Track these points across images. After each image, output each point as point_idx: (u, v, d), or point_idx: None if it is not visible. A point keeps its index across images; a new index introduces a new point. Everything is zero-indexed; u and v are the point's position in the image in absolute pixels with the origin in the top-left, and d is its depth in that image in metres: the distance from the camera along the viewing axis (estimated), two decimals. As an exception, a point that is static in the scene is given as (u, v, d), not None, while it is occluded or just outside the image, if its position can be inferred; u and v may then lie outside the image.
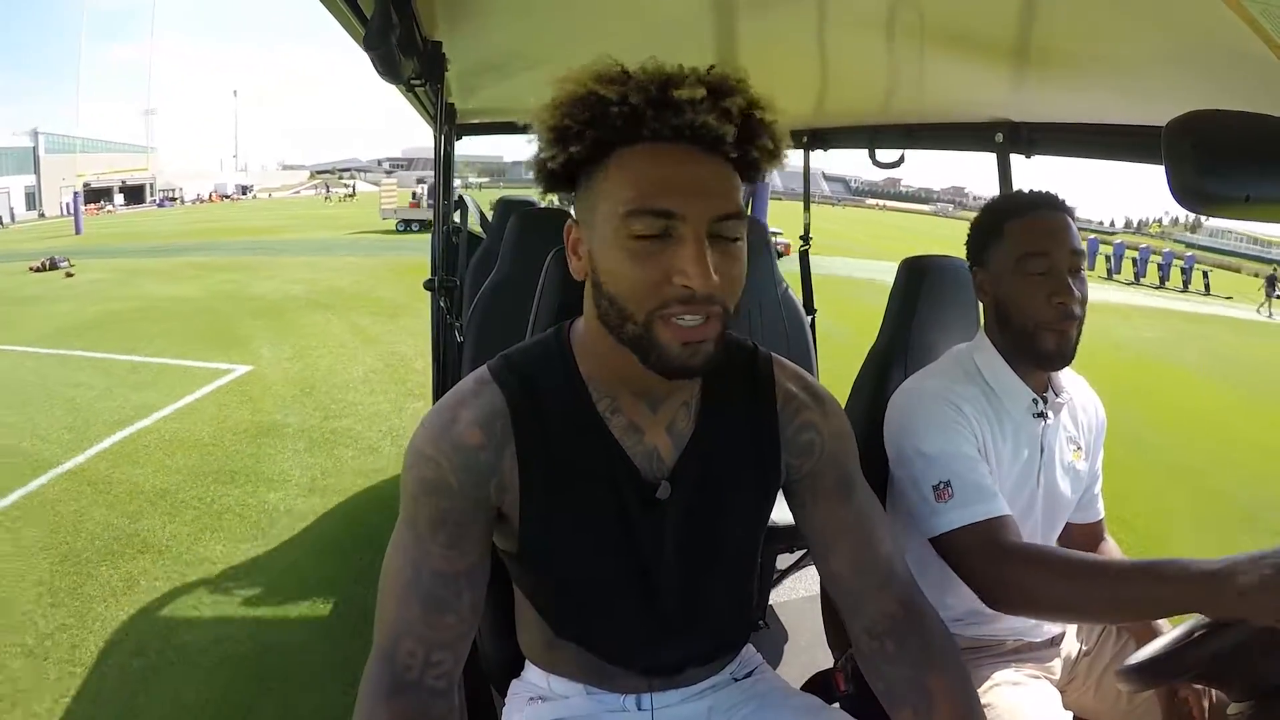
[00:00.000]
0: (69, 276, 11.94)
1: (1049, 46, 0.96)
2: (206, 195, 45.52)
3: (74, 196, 20.74)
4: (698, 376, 0.66)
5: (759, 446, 0.78)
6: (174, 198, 42.33)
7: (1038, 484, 1.04)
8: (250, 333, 7.23)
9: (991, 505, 0.91)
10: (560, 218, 2.06)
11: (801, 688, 0.96)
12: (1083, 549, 1.12)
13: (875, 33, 1.08)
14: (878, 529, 0.80)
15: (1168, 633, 0.81)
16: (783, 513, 0.84)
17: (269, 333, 7.25)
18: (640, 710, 0.83)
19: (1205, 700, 0.96)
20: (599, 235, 0.66)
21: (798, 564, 2.19)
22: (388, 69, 0.98)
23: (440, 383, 1.59)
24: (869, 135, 2.06)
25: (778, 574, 2.19)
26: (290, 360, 6.13)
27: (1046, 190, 1.02)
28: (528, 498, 0.71)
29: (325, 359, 6.20)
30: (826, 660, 1.13)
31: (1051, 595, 0.82)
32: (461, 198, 2.63)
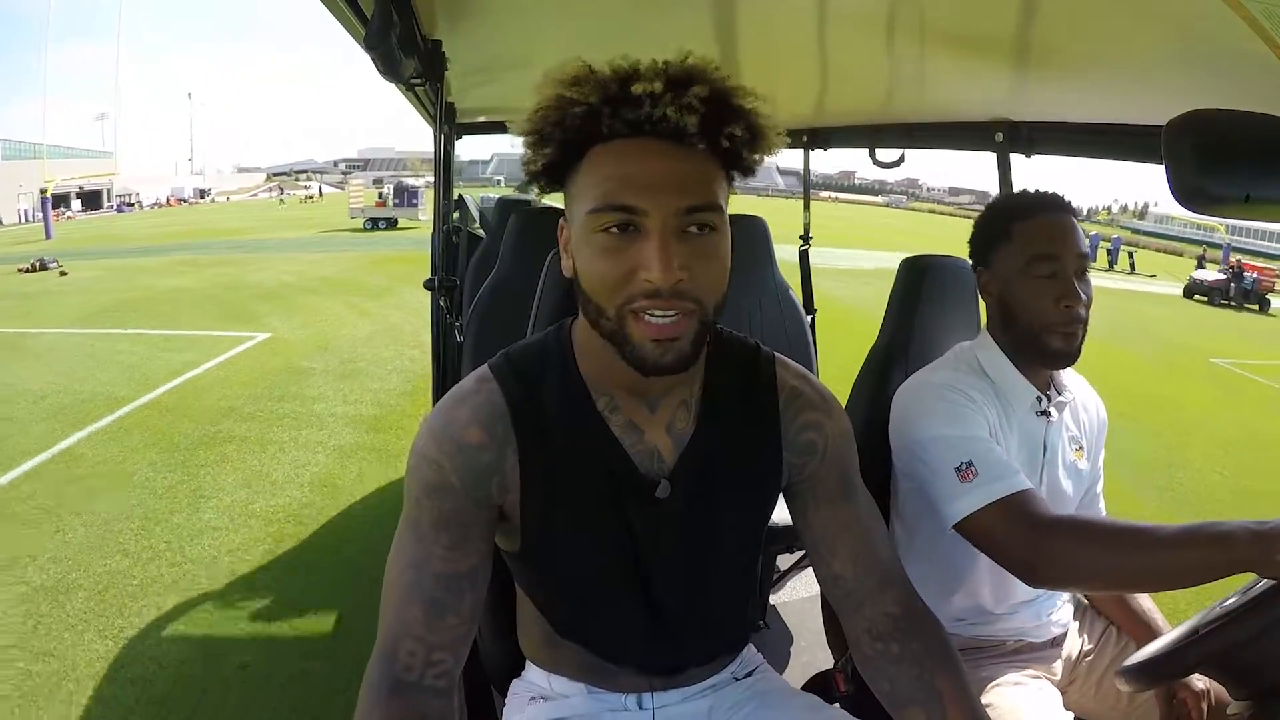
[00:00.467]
0: (63, 275, 12.01)
1: (1049, 46, 0.96)
2: (164, 199, 44.28)
3: (43, 202, 20.66)
4: (675, 374, 0.65)
5: (760, 446, 0.78)
6: (131, 203, 40.68)
7: (1040, 482, 1.04)
8: (260, 311, 8.30)
9: (1016, 479, 0.89)
10: (560, 217, 2.08)
11: (802, 688, 0.96)
12: None
13: (875, 32, 1.08)
14: (877, 531, 0.80)
15: (1168, 633, 0.81)
16: (783, 513, 0.83)
17: (276, 310, 8.34)
18: (641, 709, 0.83)
19: (1204, 702, 0.96)
20: (575, 233, 0.67)
21: (798, 564, 2.19)
22: (388, 68, 0.98)
23: (440, 382, 1.59)
24: (869, 134, 2.06)
25: (778, 574, 2.19)
26: (302, 328, 7.40)
27: (1051, 191, 1.02)
28: (529, 497, 0.71)
29: (331, 327, 7.50)
30: (827, 660, 1.13)
31: (1095, 565, 0.80)
32: (461, 197, 2.63)
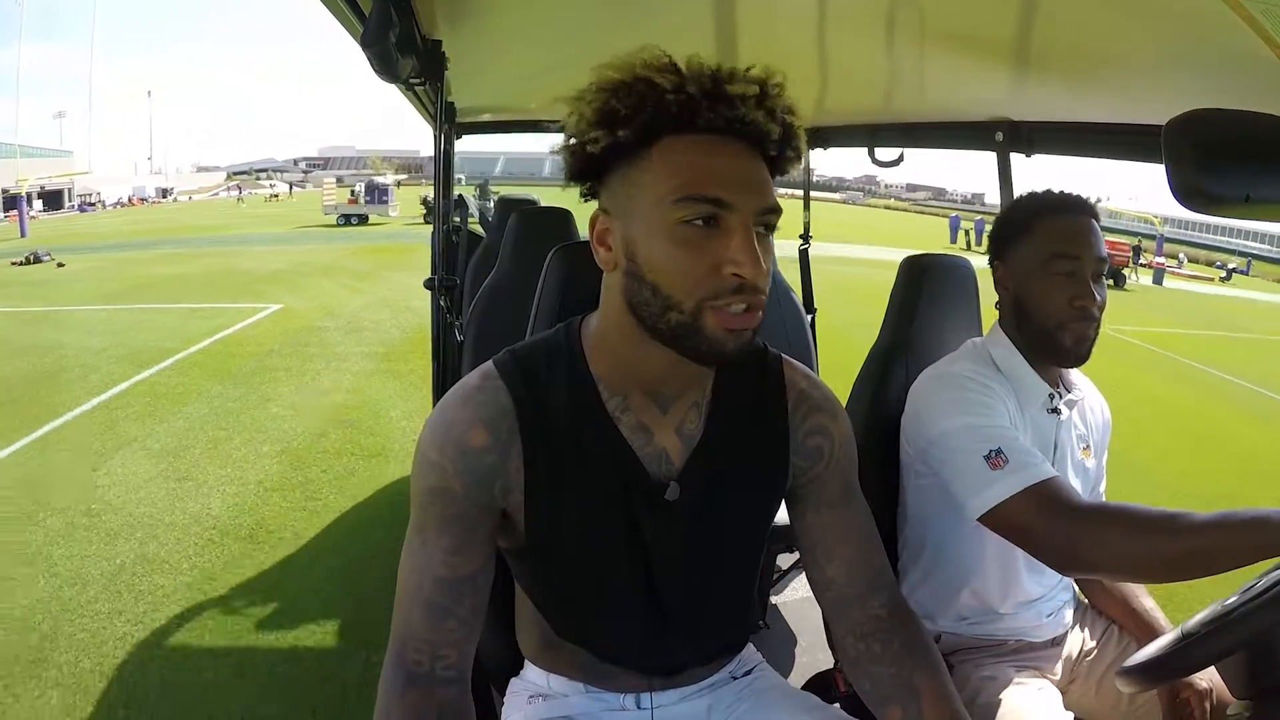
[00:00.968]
0: (60, 267, 12.27)
1: (1049, 46, 0.96)
2: (126, 199, 43.39)
3: (19, 200, 20.69)
4: (735, 363, 0.66)
5: (768, 448, 0.78)
6: (93, 203, 39.65)
7: None
8: (265, 290, 9.57)
9: (1046, 466, 0.89)
10: (560, 217, 2.08)
11: (802, 687, 0.97)
12: None
13: (876, 31, 1.08)
14: (872, 538, 0.81)
15: (1168, 633, 0.81)
16: (784, 513, 0.83)
17: (280, 289, 9.64)
18: (640, 709, 0.83)
19: (1206, 702, 0.96)
20: (640, 224, 0.65)
21: (799, 564, 2.19)
22: (384, 67, 0.98)
23: (440, 382, 1.59)
24: (868, 134, 2.06)
25: (779, 574, 2.19)
26: (307, 301, 8.82)
27: (1076, 193, 1.02)
28: (532, 498, 0.71)
29: (332, 299, 8.95)
30: (827, 660, 1.13)
31: (1131, 551, 0.79)
32: (461, 197, 2.63)
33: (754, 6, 1.07)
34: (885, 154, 2.03)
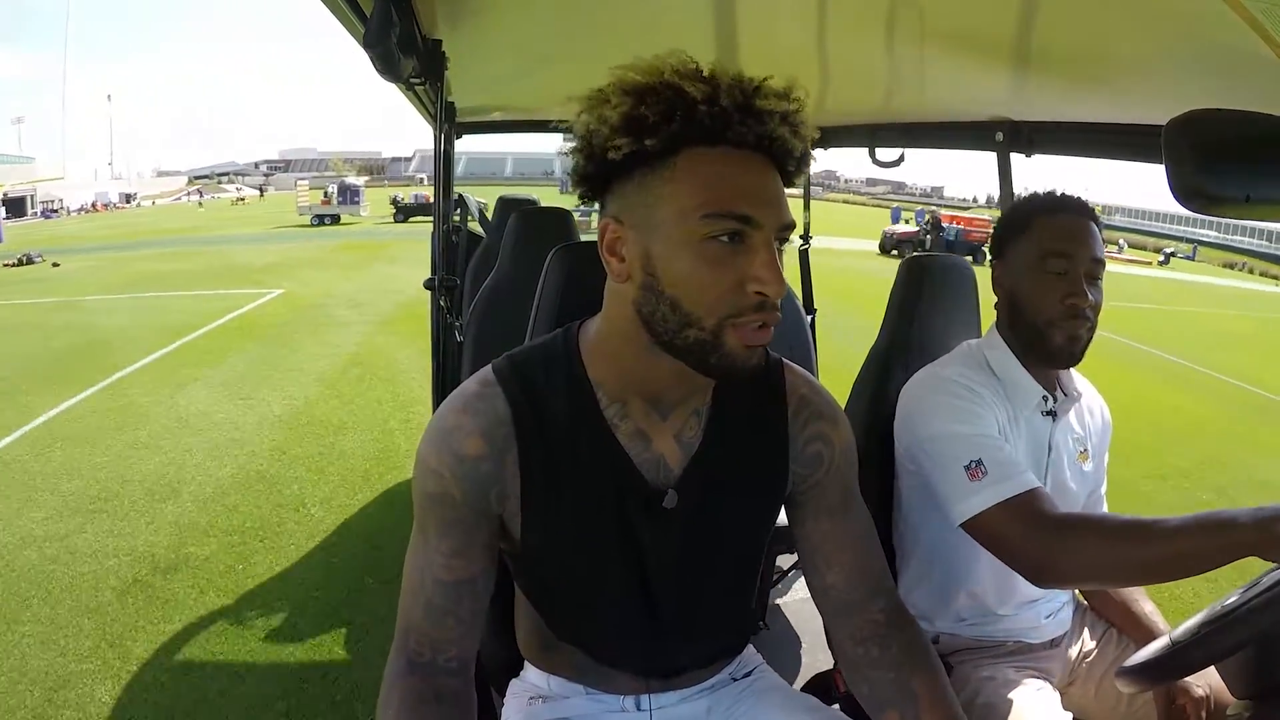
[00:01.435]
0: (56, 267, 12.51)
1: (1049, 46, 0.96)
2: (90, 205, 42.55)
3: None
4: (750, 378, 0.66)
5: (768, 454, 0.77)
6: (56, 209, 38.15)
7: (1045, 482, 1.04)
8: (263, 279, 10.53)
9: (1025, 478, 0.89)
10: (560, 217, 2.08)
11: (802, 688, 0.97)
12: None
13: (876, 32, 1.08)
14: (871, 544, 0.81)
15: (1167, 634, 0.81)
16: (785, 515, 0.83)
17: (278, 278, 10.60)
18: (639, 710, 0.83)
19: (1203, 708, 0.95)
20: (661, 237, 0.63)
21: (800, 565, 2.18)
22: (387, 67, 0.98)
23: (440, 382, 1.59)
24: (869, 134, 2.06)
25: (779, 574, 2.19)
26: (306, 286, 9.91)
27: (1077, 195, 1.02)
28: (529, 505, 0.70)
29: (328, 285, 10.07)
30: (827, 661, 1.13)
31: (1105, 560, 0.80)
32: (462, 197, 2.62)
33: (754, 7, 1.06)
34: (885, 154, 2.03)
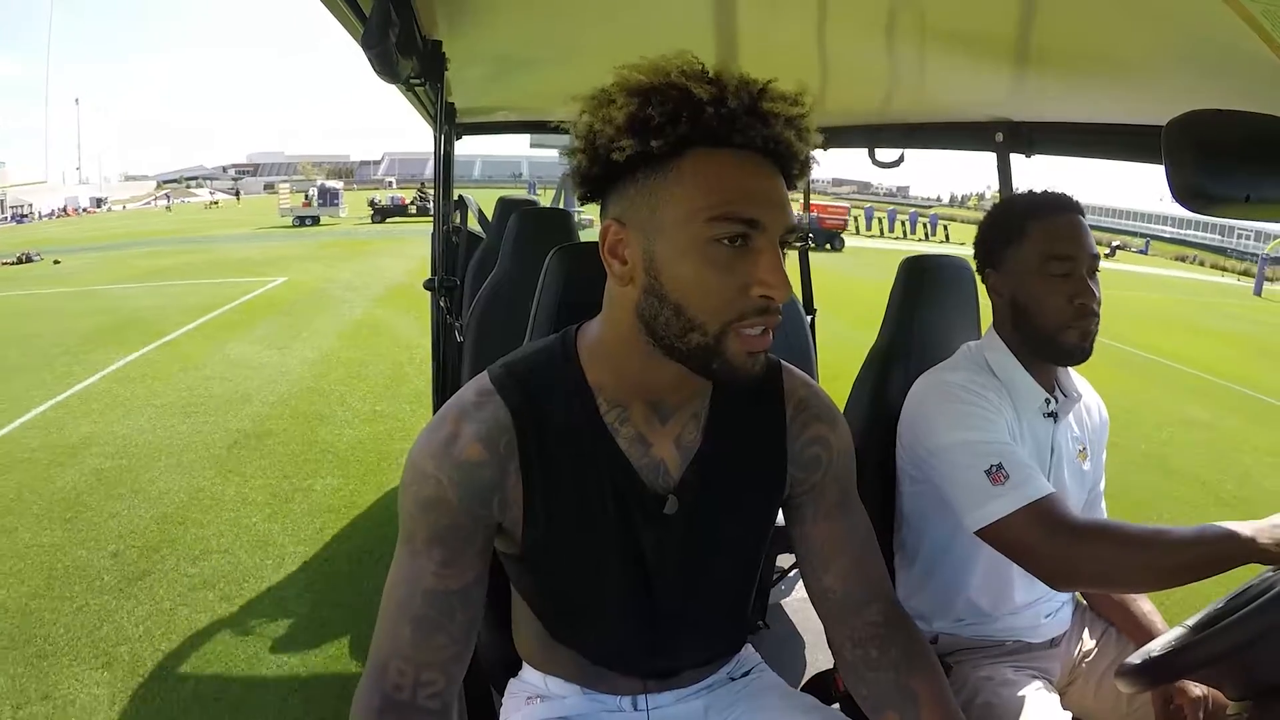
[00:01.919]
0: (57, 264, 13.02)
1: (1049, 46, 0.96)
2: (60, 209, 41.55)
3: None
4: (751, 384, 0.65)
5: (766, 457, 0.77)
6: (26, 214, 37.06)
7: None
8: (264, 270, 11.54)
9: (1043, 482, 0.89)
10: (560, 217, 2.08)
11: (801, 688, 0.96)
12: None
13: (876, 32, 1.08)
14: (869, 546, 0.81)
15: (1167, 633, 0.81)
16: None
17: (278, 269, 11.64)
18: (636, 710, 0.83)
19: (1200, 710, 0.95)
20: (665, 240, 0.62)
21: (800, 571, 2.17)
22: (385, 68, 0.97)
23: (440, 382, 1.59)
24: (869, 134, 2.05)
25: (779, 573, 2.19)
26: (306, 275, 11.05)
27: (1061, 192, 1.02)
28: (531, 512, 0.70)
29: (325, 274, 11.20)
30: (827, 660, 1.12)
31: (1123, 567, 0.82)
32: (462, 197, 2.62)
33: (754, 7, 1.06)
34: (885, 155, 2.03)
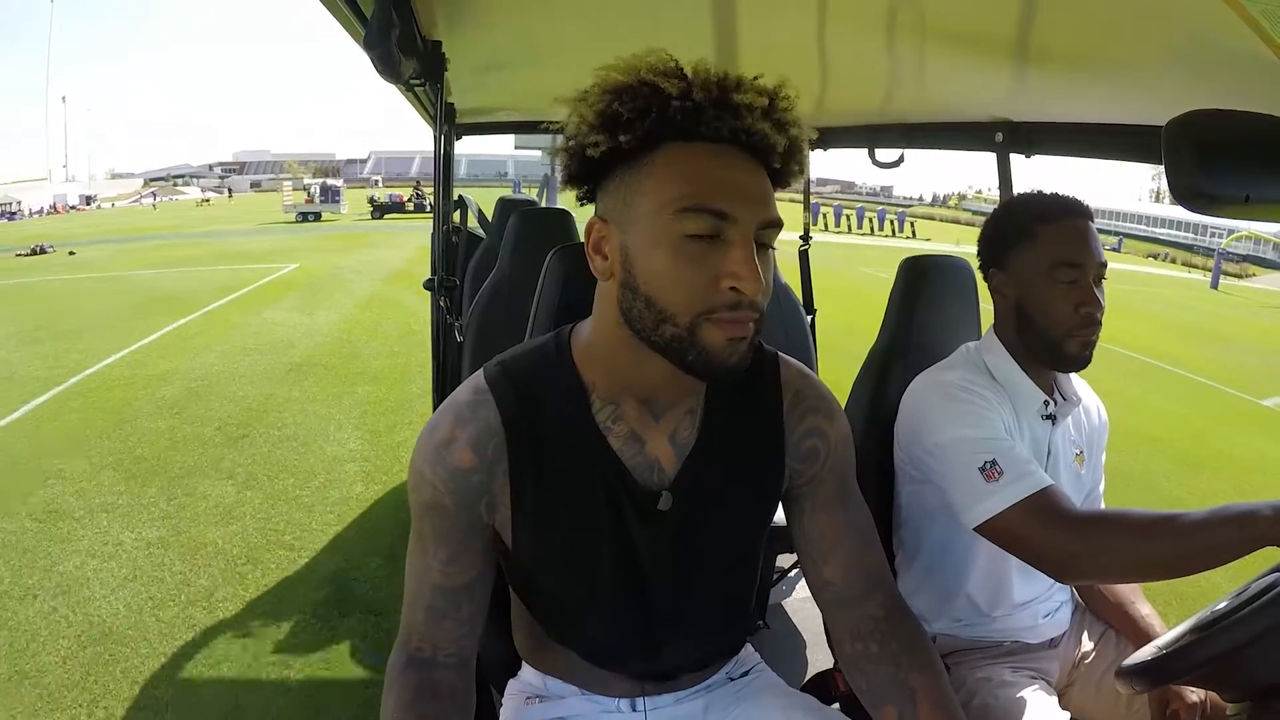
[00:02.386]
0: (72, 255, 13.42)
1: (1049, 46, 0.96)
2: (50, 207, 40.67)
3: None
4: (734, 376, 0.64)
5: (763, 451, 0.77)
6: (14, 212, 35.77)
7: None
8: (275, 258, 12.39)
9: (1040, 475, 0.89)
10: (560, 217, 2.08)
11: (801, 687, 0.96)
12: None
13: (876, 32, 1.08)
14: (869, 537, 0.80)
15: (1165, 635, 0.81)
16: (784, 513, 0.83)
17: (288, 258, 12.46)
18: (634, 711, 0.83)
19: (1198, 712, 0.95)
20: (638, 233, 0.63)
21: (799, 564, 2.17)
22: (387, 68, 0.97)
23: (440, 382, 1.59)
24: (869, 135, 2.06)
25: (779, 573, 2.19)
26: (314, 262, 11.95)
27: (1072, 196, 1.01)
28: (519, 514, 0.70)
29: (332, 262, 12.06)
30: (827, 660, 1.12)
31: (1130, 556, 0.80)
32: (462, 197, 2.62)
33: (754, 8, 1.06)
34: (885, 155, 2.03)
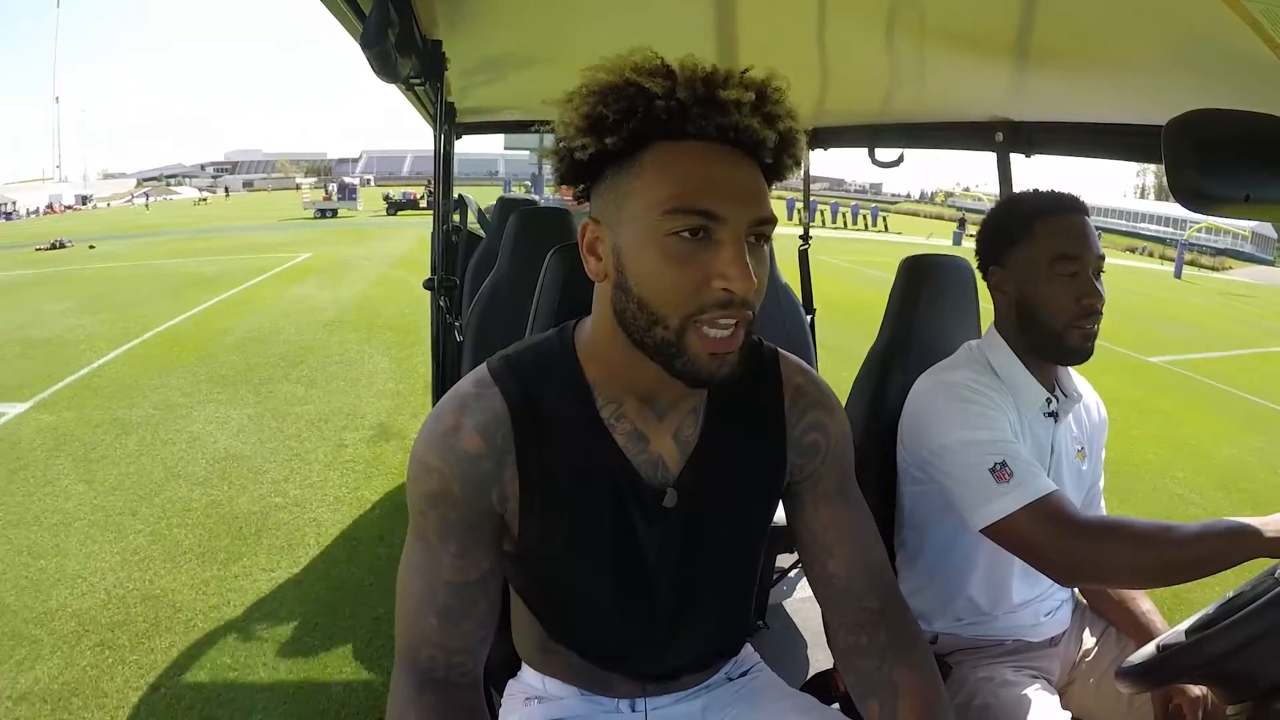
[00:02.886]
0: (92, 248, 14.02)
1: (1049, 46, 0.96)
2: (46, 207, 40.13)
3: None
4: (723, 386, 0.64)
5: (765, 447, 0.77)
6: (9, 212, 34.83)
7: None
8: (290, 249, 13.50)
9: (1046, 480, 0.90)
10: (560, 217, 2.08)
11: (801, 687, 0.96)
12: None
13: (876, 31, 1.08)
14: (870, 532, 0.80)
15: (1166, 634, 0.81)
16: (784, 513, 0.83)
17: (303, 248, 13.59)
18: (634, 712, 0.83)
19: (1199, 710, 0.95)
20: (629, 234, 0.63)
21: (799, 563, 2.18)
22: (384, 68, 0.97)
23: (440, 382, 1.59)
24: (869, 134, 2.06)
25: (779, 573, 2.19)
26: (327, 252, 13.04)
27: (1068, 192, 1.02)
28: (527, 507, 0.70)
29: (343, 252, 13.15)
30: (827, 660, 1.12)
31: (1129, 565, 0.83)
32: (462, 197, 2.62)
33: (754, 7, 1.06)
34: (885, 154, 2.03)
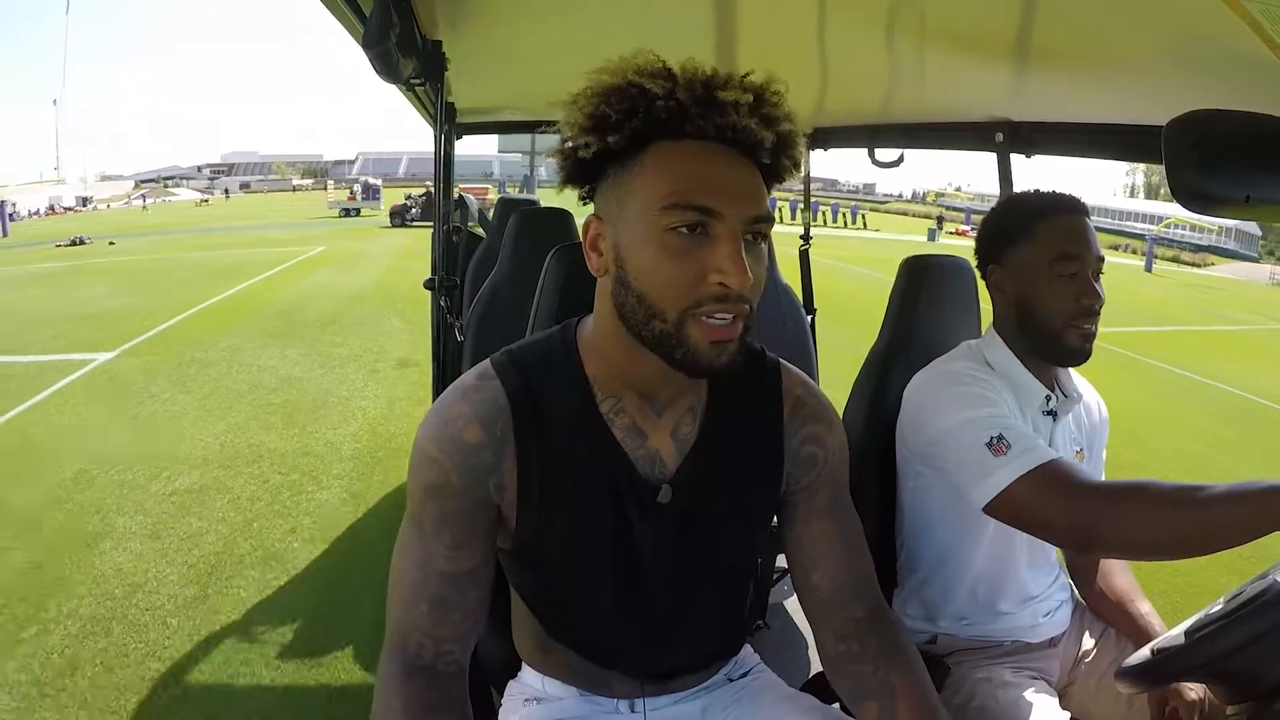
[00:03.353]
0: (112, 245, 15.05)
1: (1049, 46, 0.96)
2: (47, 208, 39.67)
3: (1, 204, 22.39)
4: (723, 375, 0.66)
5: (763, 454, 0.77)
6: (11, 214, 33.69)
7: None
8: (304, 244, 14.77)
9: (1047, 449, 0.89)
10: (560, 217, 2.08)
11: (801, 687, 0.96)
12: None
13: (876, 32, 1.08)
14: (860, 545, 0.81)
15: (1166, 634, 0.81)
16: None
17: (318, 242, 15.04)
18: (633, 713, 0.83)
19: (1196, 711, 0.95)
20: (629, 230, 0.64)
21: (789, 568, 2.17)
22: (386, 68, 0.97)
23: (440, 382, 1.59)
24: (869, 134, 2.06)
25: (779, 573, 2.19)
26: (341, 246, 14.42)
27: (1068, 193, 1.02)
28: (525, 499, 0.71)
29: (357, 246, 14.54)
30: None
31: (1146, 529, 0.77)
32: (462, 197, 2.62)
33: (754, 8, 1.06)
34: (885, 155, 2.03)
